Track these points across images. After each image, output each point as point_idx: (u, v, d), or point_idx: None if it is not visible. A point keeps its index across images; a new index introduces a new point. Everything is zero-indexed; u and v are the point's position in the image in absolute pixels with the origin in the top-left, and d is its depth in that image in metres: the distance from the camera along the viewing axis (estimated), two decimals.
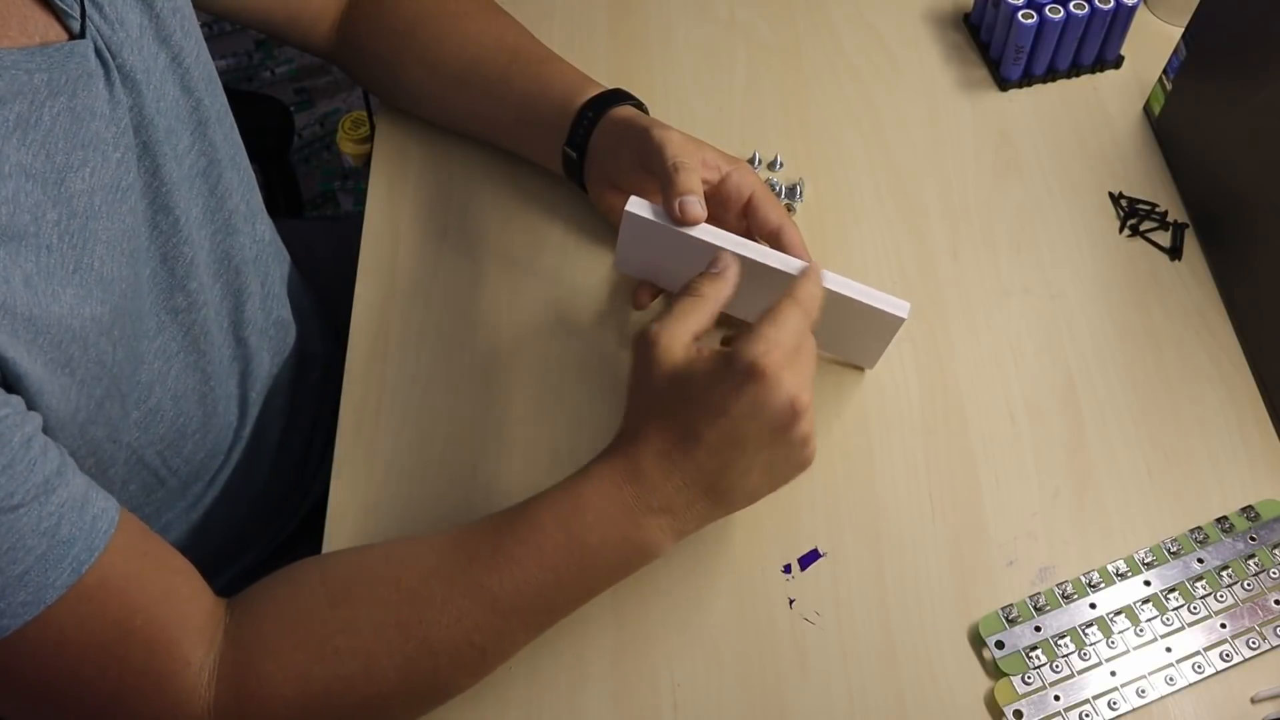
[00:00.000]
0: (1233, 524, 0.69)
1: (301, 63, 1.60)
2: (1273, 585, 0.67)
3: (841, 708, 0.64)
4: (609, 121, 0.76)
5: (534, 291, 0.80)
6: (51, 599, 0.51)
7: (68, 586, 0.51)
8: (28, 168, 0.53)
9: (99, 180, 0.57)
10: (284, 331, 0.82)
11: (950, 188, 0.86)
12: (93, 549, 0.53)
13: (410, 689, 0.59)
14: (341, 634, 0.58)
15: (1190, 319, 0.79)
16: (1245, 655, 0.65)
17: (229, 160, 0.71)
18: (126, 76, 0.60)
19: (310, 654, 0.58)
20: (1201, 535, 0.69)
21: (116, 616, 0.54)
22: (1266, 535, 0.69)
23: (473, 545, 0.60)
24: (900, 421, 0.74)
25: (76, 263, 0.55)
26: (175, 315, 0.67)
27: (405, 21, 0.84)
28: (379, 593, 0.60)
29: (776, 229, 0.72)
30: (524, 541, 0.60)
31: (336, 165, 1.71)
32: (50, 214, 0.54)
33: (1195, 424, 0.74)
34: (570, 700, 0.65)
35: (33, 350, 0.52)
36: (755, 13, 0.97)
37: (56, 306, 0.54)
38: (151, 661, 0.56)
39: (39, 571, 0.51)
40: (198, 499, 0.76)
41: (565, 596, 0.61)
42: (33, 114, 0.53)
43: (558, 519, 0.60)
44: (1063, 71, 0.92)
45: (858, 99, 0.91)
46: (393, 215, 0.84)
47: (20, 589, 0.50)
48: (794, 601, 0.68)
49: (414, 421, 0.74)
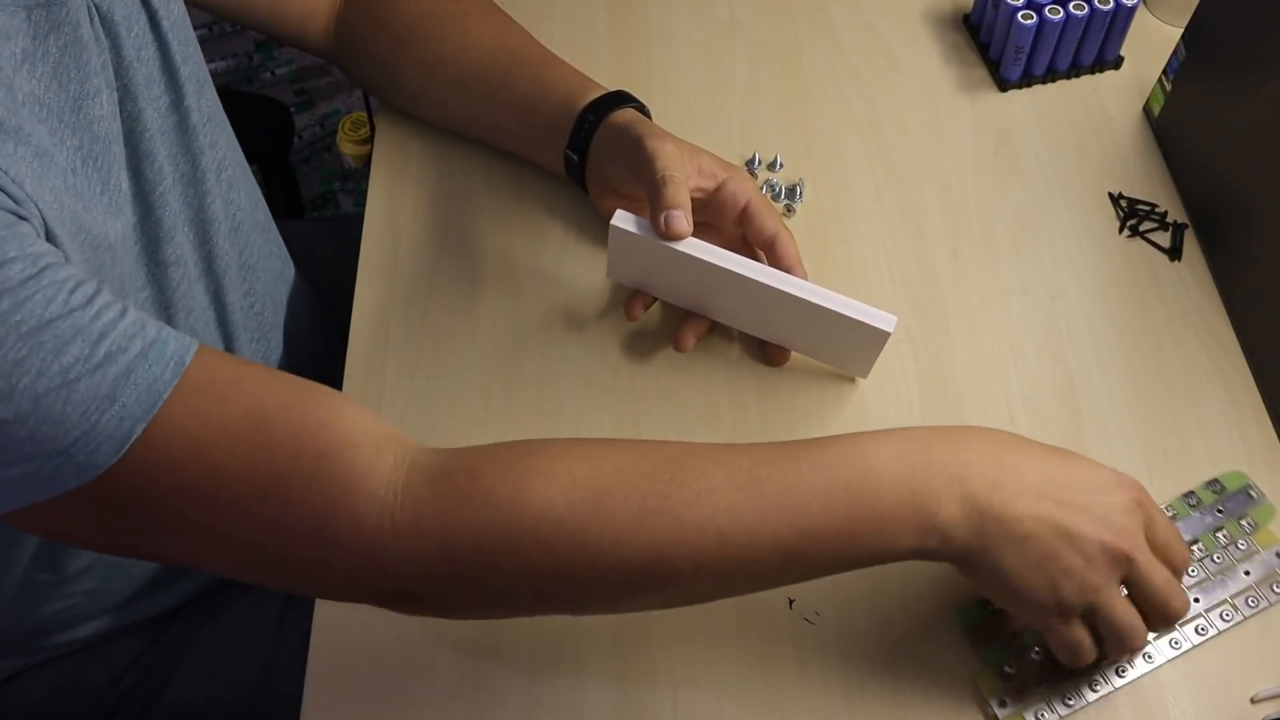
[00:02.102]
0: (1200, 498, 0.70)
1: (301, 64, 1.60)
2: (1241, 557, 0.68)
3: (841, 708, 0.64)
4: (609, 125, 0.76)
5: (534, 292, 0.80)
6: (165, 391, 0.50)
7: (176, 377, 0.50)
8: (40, 98, 0.54)
9: (114, 108, 0.59)
10: (264, 307, 0.82)
11: (950, 188, 0.86)
12: (186, 345, 0.51)
13: (635, 552, 0.54)
14: (583, 462, 0.55)
15: (1190, 319, 0.79)
16: (1220, 628, 0.66)
17: (207, 124, 0.71)
18: (106, 20, 0.61)
19: (546, 474, 0.54)
20: (1171, 511, 0.70)
21: (243, 406, 0.52)
22: (1233, 507, 0.70)
23: (752, 447, 0.57)
24: (900, 422, 0.74)
25: (104, 184, 0.56)
26: (164, 269, 0.67)
27: (404, 22, 0.83)
28: (639, 447, 0.57)
29: (771, 238, 0.72)
30: (809, 448, 0.56)
31: (336, 166, 1.71)
32: (70, 140, 0.55)
33: (1195, 424, 0.74)
34: (570, 700, 0.65)
35: (73, 244, 0.53)
36: (755, 13, 0.97)
37: (89, 216, 0.55)
38: (303, 443, 0.53)
39: (143, 369, 0.50)
40: None
41: (825, 527, 0.55)
42: (37, 48, 0.54)
43: (852, 441, 0.57)
44: (1062, 72, 0.92)
45: (858, 99, 0.91)
46: (393, 215, 0.84)
47: (129, 387, 0.49)
48: (794, 601, 0.68)
49: (414, 421, 0.74)
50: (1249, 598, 0.67)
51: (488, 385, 0.76)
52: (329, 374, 0.88)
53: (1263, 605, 0.67)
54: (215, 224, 0.73)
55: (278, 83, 1.60)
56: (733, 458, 0.56)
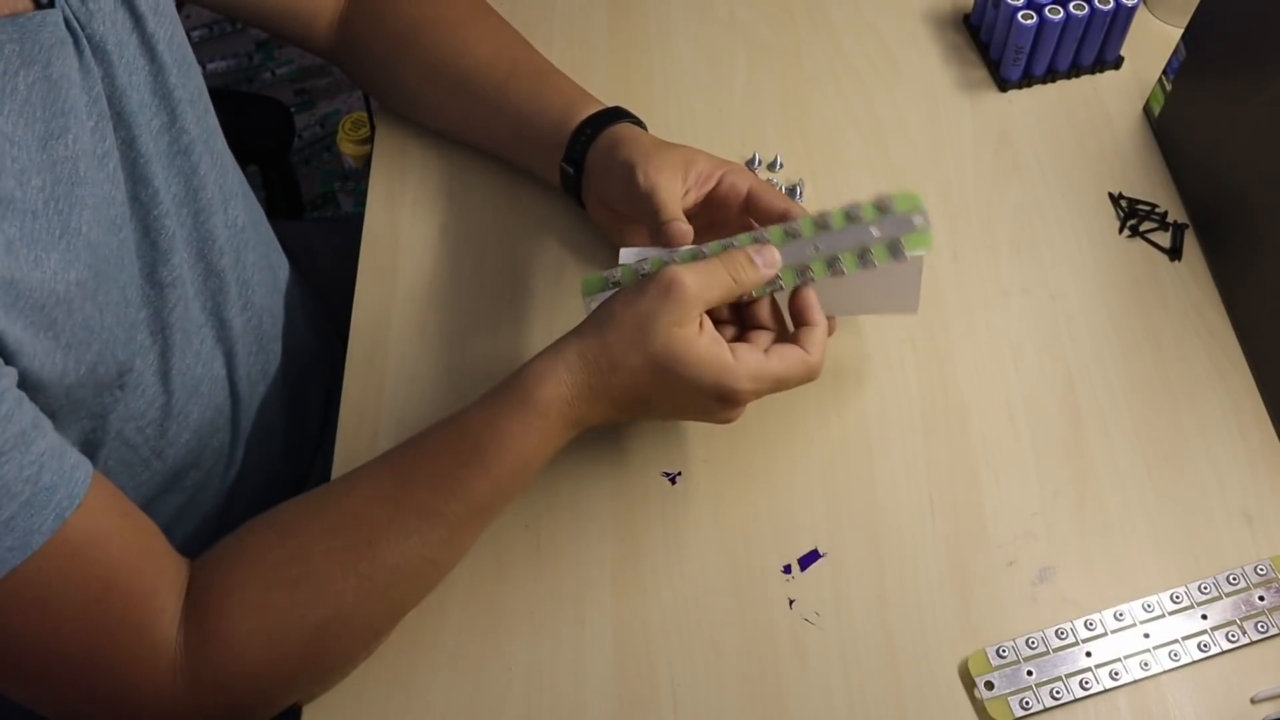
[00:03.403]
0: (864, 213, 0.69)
1: (302, 64, 1.60)
2: (1259, 582, 0.67)
3: (842, 708, 0.64)
4: (605, 141, 0.75)
5: (534, 291, 0.80)
6: (37, 544, 0.52)
7: (53, 531, 0.52)
8: (10, 135, 0.54)
9: (81, 147, 0.58)
10: (262, 319, 0.81)
11: (950, 188, 0.86)
12: (74, 496, 0.53)
13: (367, 607, 0.61)
14: (293, 562, 0.61)
15: (1190, 319, 0.79)
16: (1224, 647, 0.65)
17: (203, 142, 0.71)
18: (97, 48, 0.61)
19: (265, 584, 0.60)
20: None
21: (99, 572, 0.56)
22: None
23: (415, 468, 0.63)
24: (900, 421, 0.74)
25: (63, 227, 0.56)
26: (160, 290, 0.68)
27: (405, 25, 0.83)
28: (326, 520, 0.62)
29: (782, 213, 0.71)
30: (467, 464, 0.62)
31: (337, 166, 1.71)
32: (35, 180, 0.55)
33: (1195, 424, 0.74)
34: (570, 700, 0.65)
35: (11, 313, 0.53)
36: (755, 13, 0.97)
37: (38, 271, 0.54)
38: (131, 615, 0.57)
39: (24, 517, 0.51)
40: (191, 488, 0.76)
41: (506, 500, 0.64)
42: (7, 83, 0.54)
43: (499, 439, 0.63)
44: (1062, 72, 0.92)
45: (858, 99, 0.91)
46: (393, 216, 0.84)
47: (6, 534, 0.51)
48: (794, 601, 0.68)
49: (414, 421, 0.74)
50: (1259, 623, 0.66)
51: (488, 385, 0.76)
52: (329, 374, 0.88)
53: (1271, 632, 0.66)
54: (213, 241, 0.73)
55: (278, 83, 1.60)
56: (407, 496, 0.62)
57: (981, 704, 0.64)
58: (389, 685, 0.65)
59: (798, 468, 0.73)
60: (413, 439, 0.65)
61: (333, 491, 0.64)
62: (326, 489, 0.65)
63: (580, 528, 0.70)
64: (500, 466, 0.62)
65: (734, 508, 0.71)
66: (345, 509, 0.62)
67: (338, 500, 0.63)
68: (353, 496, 0.63)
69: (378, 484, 0.63)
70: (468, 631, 0.67)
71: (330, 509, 0.63)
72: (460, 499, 0.62)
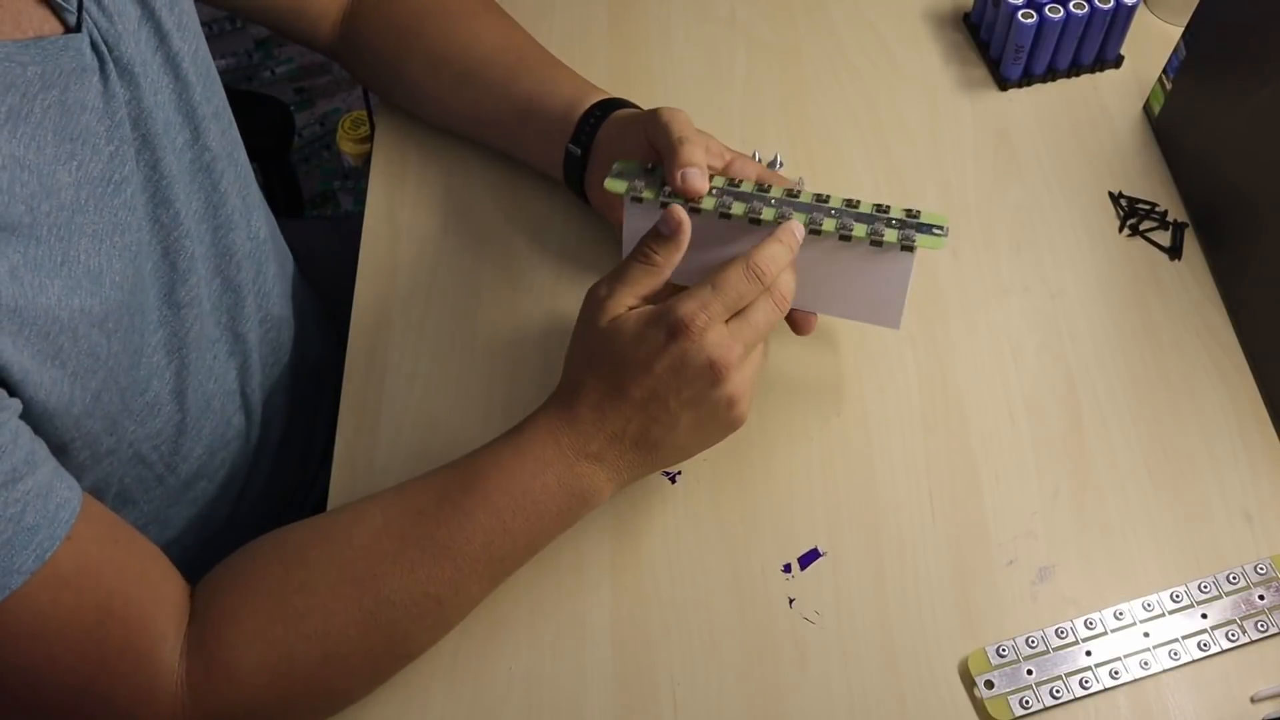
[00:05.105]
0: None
1: (301, 62, 1.60)
2: (1260, 581, 0.67)
3: (842, 707, 0.64)
4: (616, 119, 0.76)
5: (534, 290, 0.80)
6: (17, 584, 0.51)
7: (33, 571, 0.52)
8: (21, 159, 0.53)
9: (85, 174, 0.58)
10: (280, 329, 0.82)
11: (950, 187, 0.86)
12: (55, 536, 0.53)
13: (371, 643, 0.60)
14: (298, 594, 0.60)
15: (1190, 319, 0.79)
16: (1224, 646, 0.65)
17: (226, 156, 0.71)
18: (124, 70, 0.60)
19: (269, 616, 0.59)
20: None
21: (95, 600, 0.55)
22: None
23: (420, 499, 0.63)
24: (900, 421, 0.74)
25: (64, 255, 0.56)
26: (177, 310, 0.67)
27: (410, 18, 0.84)
28: (331, 552, 0.61)
29: None
30: (469, 492, 0.62)
31: (336, 165, 1.71)
32: (44, 205, 0.54)
33: (1195, 423, 0.75)
34: (570, 700, 0.65)
35: (17, 341, 0.53)
36: (755, 13, 0.97)
37: (43, 298, 0.54)
38: (130, 642, 0.57)
39: (4, 557, 0.51)
40: (201, 499, 0.76)
41: (514, 544, 0.63)
42: (24, 106, 0.54)
43: (500, 467, 0.63)
44: (1063, 71, 0.92)
45: (858, 99, 0.91)
46: (393, 215, 0.84)
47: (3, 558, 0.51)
48: (794, 601, 0.68)
49: (414, 421, 0.74)
50: (1259, 622, 0.66)
51: (488, 385, 0.76)
52: (329, 374, 0.88)
53: (1271, 631, 0.66)
54: (231, 256, 0.73)
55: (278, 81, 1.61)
56: (412, 527, 0.61)
57: (981, 703, 0.64)
58: (389, 686, 0.65)
59: (798, 467, 0.73)
60: (422, 474, 0.65)
61: (340, 522, 0.63)
62: (334, 518, 0.64)
63: (580, 527, 0.69)
64: (501, 494, 0.62)
65: (734, 507, 0.71)
66: (352, 541, 0.62)
67: (345, 531, 0.62)
68: (360, 528, 0.62)
69: (385, 516, 0.62)
70: (468, 632, 0.67)
71: (337, 540, 0.62)
72: (466, 532, 0.61)
